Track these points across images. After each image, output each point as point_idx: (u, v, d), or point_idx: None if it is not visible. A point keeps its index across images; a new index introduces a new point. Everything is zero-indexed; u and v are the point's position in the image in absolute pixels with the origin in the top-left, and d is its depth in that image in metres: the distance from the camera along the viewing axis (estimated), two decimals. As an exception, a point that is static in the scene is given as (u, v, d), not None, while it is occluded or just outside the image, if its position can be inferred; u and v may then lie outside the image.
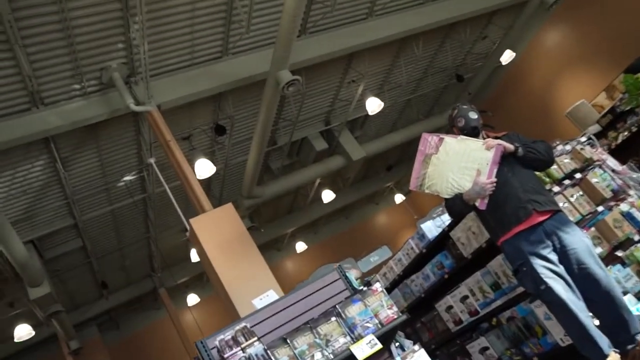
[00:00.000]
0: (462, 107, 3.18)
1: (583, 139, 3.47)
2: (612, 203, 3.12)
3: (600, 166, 3.21)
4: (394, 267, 4.25)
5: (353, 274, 5.04)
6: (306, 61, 7.12)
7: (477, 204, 2.98)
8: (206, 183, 9.33)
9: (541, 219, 2.83)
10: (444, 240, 3.57)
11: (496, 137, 3.07)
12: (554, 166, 3.29)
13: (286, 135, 9.00)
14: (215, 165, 8.53)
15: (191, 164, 7.52)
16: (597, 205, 3.12)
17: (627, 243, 3.02)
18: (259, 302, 3.76)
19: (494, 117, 3.58)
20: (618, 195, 3.16)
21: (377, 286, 2.34)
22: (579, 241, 2.78)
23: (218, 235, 5.11)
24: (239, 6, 5.94)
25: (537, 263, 2.76)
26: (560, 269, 2.74)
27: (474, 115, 3.12)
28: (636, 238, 3.03)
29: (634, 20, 8.17)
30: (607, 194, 3.13)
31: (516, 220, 2.87)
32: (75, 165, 6.89)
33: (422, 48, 8.88)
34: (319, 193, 11.62)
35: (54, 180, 6.87)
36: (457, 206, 3.07)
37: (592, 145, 3.39)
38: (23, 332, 9.04)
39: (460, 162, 2.97)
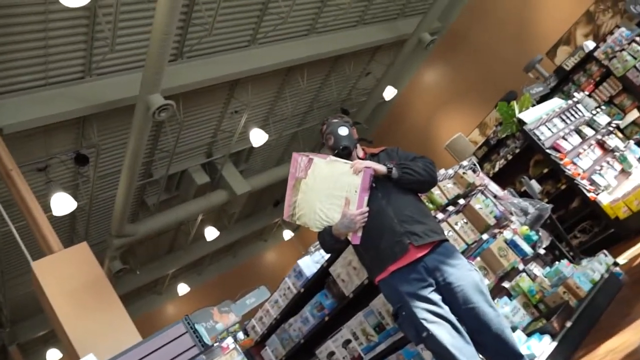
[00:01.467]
0: (331, 121, 2.76)
1: (465, 162, 3.33)
2: (496, 230, 2.97)
3: (482, 192, 3.07)
4: (270, 310, 3.77)
5: (223, 322, 4.48)
6: (182, 87, 6.61)
7: (349, 238, 2.54)
8: (69, 221, 8.28)
9: (420, 254, 2.44)
10: (323, 277, 3.20)
11: (372, 155, 2.72)
12: (437, 191, 3.05)
13: (163, 167, 8.29)
14: (79, 200, 7.60)
15: (48, 198, 6.58)
16: (482, 232, 2.94)
17: (512, 273, 2.84)
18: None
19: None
20: (501, 222, 3.02)
21: (229, 343, 1.88)
22: (466, 276, 2.43)
23: (66, 281, 4.31)
24: (102, 21, 5.32)
25: (418, 306, 2.37)
26: (445, 310, 2.38)
27: (343, 130, 2.69)
28: (520, 267, 2.88)
29: (503, 63, 8.75)
30: (491, 220, 2.95)
31: (392, 258, 2.46)
32: None
33: (307, 80, 8.77)
34: (202, 230, 10.89)
35: None
36: (327, 242, 2.62)
37: (474, 170, 3.27)
38: None
39: (327, 189, 2.53)
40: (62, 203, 6.48)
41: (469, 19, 9.35)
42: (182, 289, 12.80)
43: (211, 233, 10.82)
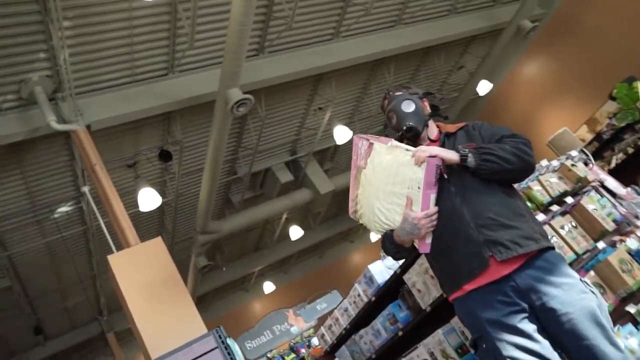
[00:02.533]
0: (394, 94, 2.20)
1: (574, 152, 2.75)
2: (616, 238, 2.38)
3: (597, 189, 2.50)
4: (340, 319, 3.42)
5: (298, 325, 4.14)
6: (264, 82, 6.46)
7: (415, 244, 2.04)
8: (158, 217, 8.50)
9: (507, 270, 1.85)
10: (397, 285, 2.80)
11: (448, 135, 2.12)
12: (537, 186, 2.50)
13: (247, 165, 8.26)
14: (166, 196, 7.75)
15: (136, 194, 6.74)
16: (597, 240, 2.37)
17: (639, 293, 2.21)
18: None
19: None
20: (622, 227, 2.43)
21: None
22: (577, 300, 1.77)
23: (139, 275, 4.26)
24: (182, 17, 5.29)
25: (503, 339, 1.80)
26: (542, 346, 1.77)
27: (409, 105, 2.12)
28: None
29: (614, 49, 7.74)
30: (609, 225, 2.37)
31: (468, 274, 1.91)
32: (-4, 192, 6.04)
33: (394, 75, 8.32)
34: (287, 229, 10.80)
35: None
36: (390, 250, 2.13)
37: (586, 163, 2.69)
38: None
39: (387, 184, 2.02)
40: (148, 198, 6.61)
41: (576, 2, 8.39)
42: (269, 287, 12.86)
43: (296, 232, 10.70)
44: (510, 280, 1.86)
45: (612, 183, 2.60)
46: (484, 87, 9.36)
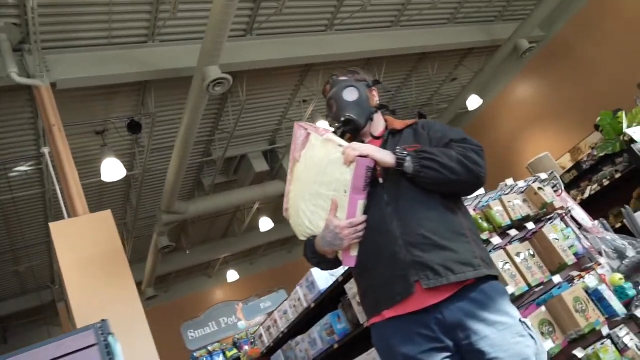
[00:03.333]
0: (337, 79, 1.92)
1: (544, 176, 2.55)
2: (575, 273, 2.20)
3: (563, 217, 2.32)
4: (279, 321, 3.22)
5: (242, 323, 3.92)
6: (247, 64, 6.22)
7: (339, 256, 1.77)
8: (124, 190, 8.22)
9: (433, 301, 1.59)
10: (338, 294, 2.60)
11: (393, 132, 1.85)
12: (498, 206, 2.30)
13: (222, 149, 8.00)
14: (133, 169, 7.48)
15: (100, 162, 6.46)
16: (553, 273, 2.18)
17: (590, 337, 2.01)
18: None
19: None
20: (583, 262, 2.26)
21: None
22: (511, 346, 1.53)
23: (81, 246, 4.00)
24: (169, -18, 5.04)
25: None
26: None
27: (351, 93, 1.85)
28: (605, 331, 2.05)
29: (607, 81, 7.65)
30: (569, 258, 2.19)
31: (388, 299, 1.64)
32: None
33: (385, 77, 8.13)
34: (258, 220, 10.57)
35: None
36: (311, 259, 1.86)
37: (555, 188, 2.51)
38: None
39: (314, 183, 1.75)
40: (112, 169, 6.33)
41: (576, 30, 8.29)
42: (232, 275, 12.61)
43: (266, 224, 10.47)
44: (437, 312, 1.58)
45: (580, 213, 2.42)
46: (474, 102, 9.22)
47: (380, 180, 1.73)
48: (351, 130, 1.86)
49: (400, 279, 1.62)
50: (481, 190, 3.21)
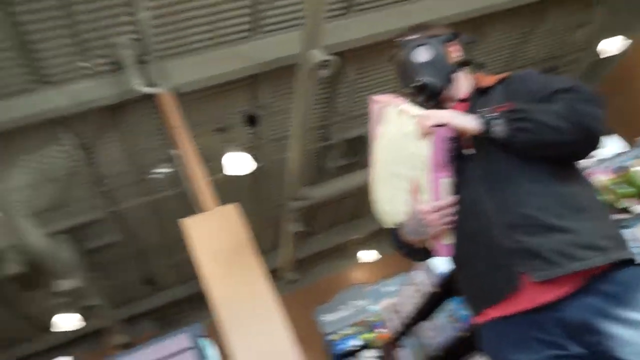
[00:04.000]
0: (403, 40, 1.64)
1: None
2: None
3: None
4: (404, 306, 3.04)
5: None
6: (351, 42, 6.11)
7: (430, 245, 1.53)
8: (252, 181, 8.63)
9: (548, 297, 1.29)
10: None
11: (480, 91, 1.55)
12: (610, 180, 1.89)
13: (341, 131, 8.02)
14: (259, 162, 7.82)
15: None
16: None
17: None
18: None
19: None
20: None
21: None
22: None
23: (211, 240, 4.28)
24: (264, -27, 5.10)
25: None
26: None
27: (423, 53, 1.58)
28: None
29: None
30: None
31: (491, 296, 1.38)
32: (99, 152, 6.46)
33: (499, 34, 7.45)
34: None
35: (79, 167, 6.46)
36: (400, 249, 1.63)
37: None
38: (63, 322, 8.93)
39: (392, 162, 1.53)
40: (235, 162, 6.68)
41: None
42: (369, 255, 12.67)
43: (393, 202, 10.33)
44: (556, 311, 1.28)
45: None
46: (613, 45, 8.05)
47: (470, 152, 1.47)
48: (429, 97, 1.60)
49: (501, 270, 1.35)
50: (619, 147, 2.73)
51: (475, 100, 1.58)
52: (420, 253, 1.60)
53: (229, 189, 8.38)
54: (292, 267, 10.61)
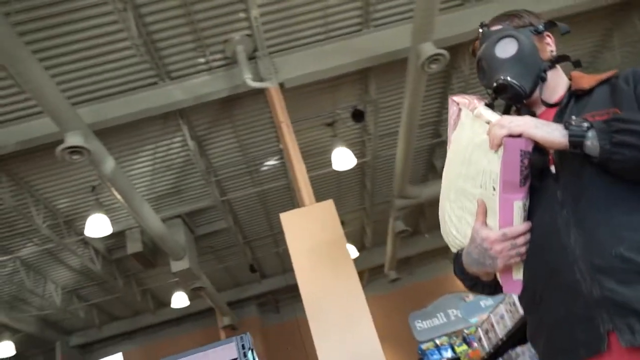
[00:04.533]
0: (487, 30, 1.37)
1: None
2: None
3: None
4: (496, 326, 2.77)
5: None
6: (466, 34, 5.71)
7: (498, 278, 1.27)
8: (360, 178, 8.54)
9: None
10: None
11: (576, 94, 1.27)
12: None
13: (452, 128, 7.62)
14: (365, 157, 7.72)
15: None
16: None
17: None
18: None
19: None
20: None
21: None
22: None
23: (306, 236, 4.25)
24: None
25: None
26: None
27: (506, 47, 1.29)
28: None
29: None
30: None
31: (566, 351, 1.12)
32: (212, 144, 6.75)
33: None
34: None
35: (194, 157, 6.81)
36: (462, 279, 1.38)
37: None
38: (177, 299, 9.57)
39: (460, 176, 1.31)
40: (343, 158, 6.62)
41: None
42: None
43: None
44: None
45: None
46: None
47: (553, 170, 1.20)
48: (512, 99, 1.31)
49: (583, 323, 1.08)
50: None
51: (569, 105, 1.29)
52: (486, 287, 1.35)
53: (335, 184, 8.40)
54: (394, 265, 10.40)
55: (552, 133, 1.13)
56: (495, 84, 1.29)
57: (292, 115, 5.48)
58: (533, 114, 1.30)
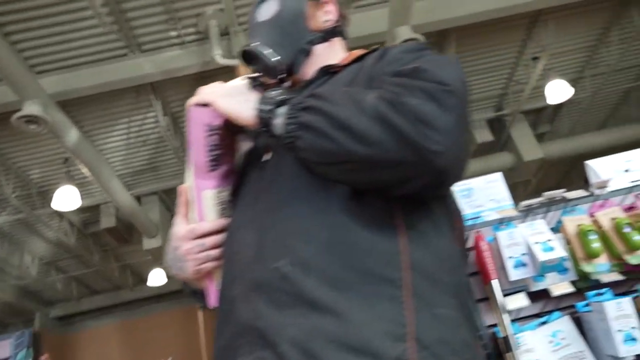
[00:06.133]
0: None
1: None
2: None
3: None
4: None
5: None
6: (455, 19, 5.48)
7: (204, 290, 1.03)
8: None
9: None
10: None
11: (330, 70, 1.05)
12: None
13: (439, 118, 7.39)
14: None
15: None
16: None
17: None
18: None
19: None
20: None
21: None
22: None
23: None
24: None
25: None
26: None
27: (265, 10, 1.08)
28: None
29: None
30: None
31: None
32: (184, 120, 6.55)
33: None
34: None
35: (167, 134, 6.63)
36: (184, 286, 1.11)
37: None
38: (154, 277, 9.49)
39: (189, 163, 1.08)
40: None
41: None
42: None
43: (496, 200, 9.45)
44: None
45: None
46: None
47: (266, 157, 0.99)
48: (265, 72, 1.02)
49: (227, 354, 0.83)
50: None
51: (315, 83, 1.06)
52: (199, 296, 1.08)
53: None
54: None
55: (242, 105, 0.90)
56: (243, 50, 1.05)
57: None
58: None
